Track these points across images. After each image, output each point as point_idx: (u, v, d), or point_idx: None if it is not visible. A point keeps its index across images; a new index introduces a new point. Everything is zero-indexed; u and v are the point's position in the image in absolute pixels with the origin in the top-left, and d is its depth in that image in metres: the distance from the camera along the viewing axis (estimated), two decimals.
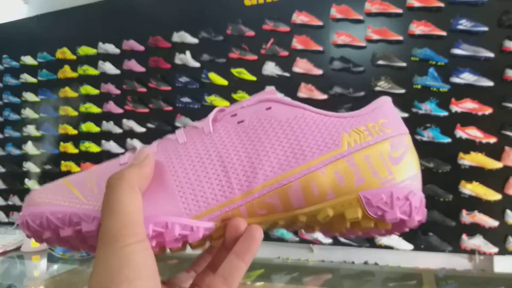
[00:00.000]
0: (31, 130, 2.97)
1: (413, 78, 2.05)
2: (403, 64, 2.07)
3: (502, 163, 1.90)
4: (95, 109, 2.76)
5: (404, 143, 0.29)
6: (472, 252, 1.95)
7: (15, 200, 3.03)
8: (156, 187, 0.27)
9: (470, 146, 1.95)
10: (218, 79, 2.43)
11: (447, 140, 1.98)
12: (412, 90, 2.05)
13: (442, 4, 2.00)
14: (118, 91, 2.71)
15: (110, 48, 2.71)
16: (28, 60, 2.98)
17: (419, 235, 1.98)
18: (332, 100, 2.19)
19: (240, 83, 2.38)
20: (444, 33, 2.00)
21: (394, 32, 2.09)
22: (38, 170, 2.95)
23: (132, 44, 2.65)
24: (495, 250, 1.90)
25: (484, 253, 1.92)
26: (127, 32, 2.68)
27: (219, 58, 2.43)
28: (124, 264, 0.22)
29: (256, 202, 0.27)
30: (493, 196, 1.90)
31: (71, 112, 2.84)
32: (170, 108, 2.56)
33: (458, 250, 1.96)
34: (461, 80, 1.97)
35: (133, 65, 2.65)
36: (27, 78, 2.98)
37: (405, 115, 2.05)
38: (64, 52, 2.85)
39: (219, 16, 2.43)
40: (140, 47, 2.63)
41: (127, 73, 2.68)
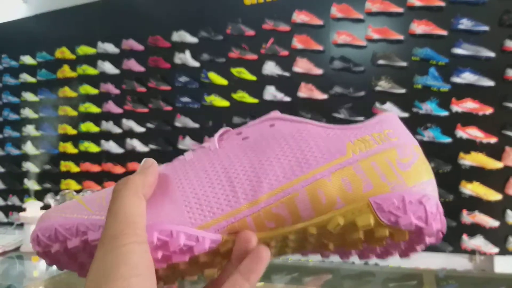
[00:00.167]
0: (31, 130, 2.96)
1: (413, 78, 2.05)
2: (404, 64, 2.07)
3: (503, 163, 1.90)
4: (94, 109, 2.76)
5: (412, 151, 0.28)
6: (472, 252, 1.94)
7: (14, 200, 3.02)
8: (161, 196, 0.27)
9: (470, 146, 1.94)
10: (218, 79, 2.42)
11: (448, 140, 1.98)
12: (413, 90, 2.05)
13: (443, 4, 1.99)
14: (118, 91, 2.70)
15: (110, 47, 2.71)
16: (27, 59, 2.97)
17: None
18: (332, 100, 2.19)
19: (240, 83, 2.38)
20: (445, 32, 2.00)
21: (394, 31, 2.08)
22: (38, 170, 2.95)
23: (131, 43, 2.65)
24: (496, 250, 1.90)
25: (484, 253, 1.92)
26: (127, 31, 2.67)
27: (219, 57, 2.42)
28: (122, 262, 0.22)
29: (263, 213, 0.26)
30: (493, 196, 1.89)
31: (71, 112, 2.83)
32: (169, 108, 2.56)
33: (459, 250, 1.95)
34: (461, 79, 1.96)
35: (132, 64, 2.65)
36: (26, 78, 2.98)
37: (405, 115, 2.05)
38: (64, 52, 2.84)
39: (218, 16, 2.43)
40: (140, 47, 2.63)
41: (126, 72, 2.67)
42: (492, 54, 1.93)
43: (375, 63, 2.11)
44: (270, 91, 2.29)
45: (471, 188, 1.92)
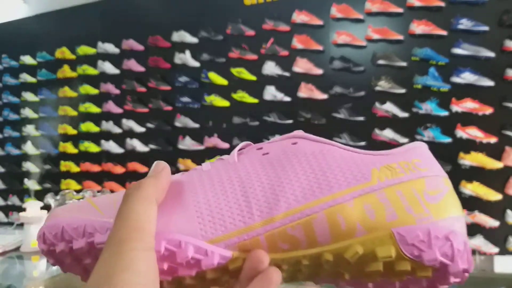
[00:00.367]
0: (31, 130, 2.96)
1: (413, 78, 2.05)
2: (404, 64, 2.07)
3: (503, 163, 1.90)
4: (94, 109, 2.76)
5: (442, 184, 0.27)
6: (472, 252, 1.93)
7: (14, 200, 3.02)
8: (173, 203, 0.26)
9: (470, 146, 1.94)
10: (218, 79, 2.42)
11: (448, 140, 1.98)
12: (413, 90, 2.05)
13: (442, 4, 1.99)
14: (118, 91, 2.70)
15: (110, 47, 2.71)
16: (27, 59, 2.97)
17: None
18: (332, 100, 2.19)
19: (240, 83, 2.38)
20: (444, 32, 2.00)
21: (394, 31, 2.08)
22: (38, 170, 2.95)
23: (131, 43, 2.65)
24: (496, 250, 1.90)
25: (484, 253, 1.92)
26: (127, 31, 2.67)
27: (219, 57, 2.42)
28: (126, 268, 0.21)
29: (277, 233, 0.25)
30: (493, 196, 1.89)
31: (71, 112, 2.83)
32: (169, 108, 2.56)
33: None
34: (461, 79, 1.96)
35: (132, 64, 2.65)
36: (26, 78, 2.97)
37: (405, 115, 2.05)
38: (64, 52, 2.84)
39: (219, 16, 2.43)
40: (140, 47, 2.63)
41: (126, 72, 2.67)
42: (492, 54, 1.93)
43: (375, 63, 2.11)
44: (270, 91, 2.29)
45: (471, 188, 1.92)
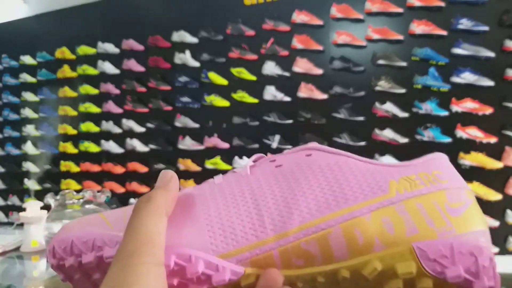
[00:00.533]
0: (31, 130, 2.96)
1: (413, 78, 2.05)
2: (404, 64, 2.07)
3: (503, 163, 1.90)
4: (94, 108, 2.76)
5: (464, 196, 0.26)
6: None
7: (14, 200, 3.02)
8: (184, 216, 0.26)
9: (470, 146, 1.94)
10: (218, 79, 2.42)
11: (448, 140, 1.98)
12: (413, 90, 2.05)
13: (442, 4, 1.99)
14: (118, 91, 2.70)
15: (110, 47, 2.71)
16: (27, 59, 2.97)
17: None
18: (332, 100, 2.19)
19: (240, 83, 2.37)
20: (444, 32, 2.00)
21: (394, 31, 2.08)
22: (38, 170, 2.95)
23: (131, 43, 2.65)
24: (496, 250, 1.90)
25: None
26: (127, 31, 2.67)
27: (219, 57, 2.42)
28: (134, 282, 0.20)
29: (291, 248, 0.24)
30: (493, 196, 1.89)
31: (71, 112, 2.83)
32: (169, 107, 2.56)
33: None
34: (461, 79, 1.96)
35: (132, 64, 2.64)
36: (26, 77, 2.97)
37: (405, 115, 2.05)
38: (64, 52, 2.84)
39: (218, 16, 2.43)
40: (140, 47, 2.63)
41: (126, 72, 2.67)
42: (492, 54, 1.93)
43: (375, 63, 2.11)
44: (270, 91, 2.29)
45: (471, 188, 1.92)
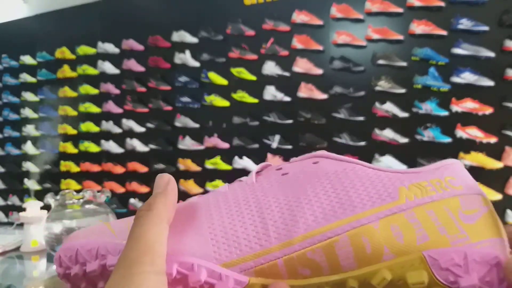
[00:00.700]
0: (31, 130, 2.96)
1: (413, 78, 2.05)
2: (404, 64, 2.07)
3: (503, 163, 1.90)
4: (94, 108, 2.76)
5: (479, 203, 0.24)
6: None
7: (14, 200, 3.02)
8: (186, 224, 0.25)
9: (470, 146, 1.94)
10: (218, 79, 2.42)
11: (448, 140, 1.98)
12: (413, 90, 2.05)
13: (442, 4, 1.99)
14: (118, 91, 2.70)
15: (110, 47, 2.71)
16: (27, 59, 2.97)
17: None
18: (332, 100, 2.19)
19: (240, 83, 2.37)
20: (444, 32, 2.00)
21: (394, 31, 2.08)
22: (38, 170, 2.95)
23: (131, 43, 2.65)
24: None
25: None
26: (127, 31, 2.67)
27: (219, 57, 2.42)
28: None
29: (296, 257, 0.23)
30: (493, 196, 1.89)
31: (71, 111, 2.83)
32: (169, 107, 2.56)
33: None
34: (461, 79, 1.96)
35: (132, 64, 2.64)
36: (26, 77, 2.97)
37: (405, 115, 2.05)
38: (64, 52, 2.84)
39: (218, 16, 2.43)
40: (140, 47, 2.63)
41: (126, 72, 2.67)
42: (492, 54, 1.93)
43: (375, 63, 2.11)
44: (270, 91, 2.29)
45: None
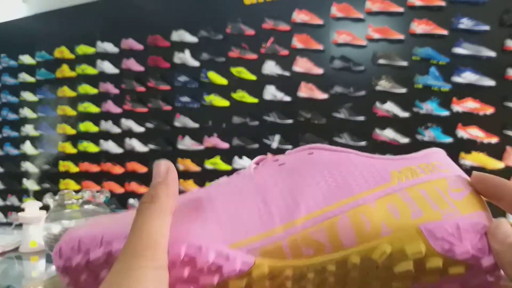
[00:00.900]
0: (29, 129, 2.96)
1: (414, 78, 2.04)
2: (404, 63, 2.06)
3: (504, 163, 1.90)
4: (93, 108, 2.75)
5: (465, 184, 0.26)
6: None
7: (13, 200, 3.02)
8: (189, 211, 0.26)
9: (471, 146, 1.94)
10: (218, 78, 2.42)
11: (449, 139, 1.97)
12: (413, 90, 2.05)
13: (443, 3, 1.99)
14: (117, 91, 2.70)
15: (109, 47, 2.70)
16: (26, 59, 2.97)
17: None
18: (332, 100, 2.18)
19: (239, 82, 2.37)
20: (445, 32, 2.00)
21: (395, 31, 2.08)
22: (36, 170, 2.95)
23: (130, 43, 2.64)
24: None
25: None
26: (126, 31, 2.67)
27: (219, 57, 2.42)
28: (133, 286, 0.20)
29: (300, 237, 0.24)
30: None
31: (70, 111, 2.82)
32: (169, 107, 2.55)
33: None
34: (462, 79, 1.96)
35: (131, 64, 2.64)
36: (25, 77, 2.97)
37: (406, 114, 2.05)
38: (63, 51, 2.84)
39: (218, 15, 2.42)
40: (139, 46, 2.62)
41: (125, 72, 2.67)
42: (493, 54, 1.93)
43: (375, 63, 2.11)
44: (270, 91, 2.28)
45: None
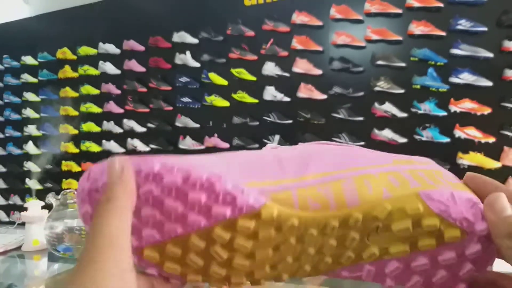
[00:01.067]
0: (32, 130, 2.98)
1: (412, 78, 2.06)
2: (403, 64, 2.08)
3: (501, 162, 1.91)
4: (95, 109, 2.77)
5: (456, 178, 0.29)
6: None
7: (15, 199, 3.04)
8: (211, 158, 0.27)
9: (469, 146, 1.95)
10: (218, 79, 2.43)
11: (446, 140, 1.99)
12: (411, 90, 2.06)
13: (441, 4, 2.00)
14: (119, 91, 2.71)
15: (111, 48, 2.72)
16: (28, 60, 2.98)
17: None
18: (331, 100, 2.20)
19: (240, 83, 2.39)
20: (443, 33, 2.01)
21: (393, 32, 2.09)
22: (39, 170, 2.96)
23: (132, 44, 2.66)
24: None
25: None
26: (128, 32, 2.68)
27: (219, 58, 2.43)
28: None
29: (308, 190, 0.26)
30: None
31: (72, 112, 2.84)
32: (170, 108, 2.57)
33: None
34: (460, 80, 1.97)
35: (133, 65, 2.66)
36: (27, 78, 2.99)
37: (404, 115, 2.06)
38: (65, 52, 2.85)
39: (219, 16, 2.44)
40: (141, 47, 2.64)
41: (127, 73, 2.68)
42: (490, 55, 1.94)
43: (374, 64, 2.12)
44: (270, 91, 2.30)
45: None
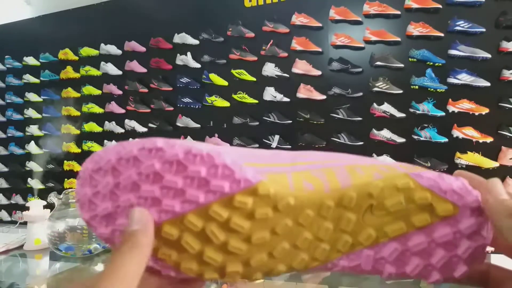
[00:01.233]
0: (34, 130, 3.00)
1: (410, 79, 2.07)
2: (401, 65, 2.09)
3: (499, 162, 1.92)
4: (97, 109, 2.79)
5: None
6: None
7: (18, 199, 3.06)
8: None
9: (467, 146, 1.97)
10: (219, 80, 2.45)
11: (444, 140, 2.00)
12: (410, 91, 2.07)
13: (439, 6, 2.02)
14: (120, 92, 2.73)
15: (112, 49, 2.74)
16: (30, 60, 3.01)
17: None
18: (330, 101, 2.21)
19: (240, 84, 2.40)
20: (441, 34, 2.02)
21: (392, 33, 2.11)
22: (41, 170, 2.99)
23: (133, 45, 2.68)
24: (492, 248, 1.91)
25: None
26: (129, 33, 2.70)
27: (220, 59, 2.45)
28: None
29: (302, 173, 0.27)
30: None
31: (74, 112, 2.86)
32: (171, 108, 2.59)
33: None
34: (458, 80, 1.98)
35: (134, 66, 2.68)
36: (29, 78, 3.01)
37: (402, 115, 2.08)
38: (67, 53, 2.87)
39: (219, 18, 2.46)
40: (142, 48, 2.66)
41: (129, 73, 2.70)
42: (488, 55, 1.95)
43: (373, 64, 2.14)
44: (270, 92, 2.32)
45: None
